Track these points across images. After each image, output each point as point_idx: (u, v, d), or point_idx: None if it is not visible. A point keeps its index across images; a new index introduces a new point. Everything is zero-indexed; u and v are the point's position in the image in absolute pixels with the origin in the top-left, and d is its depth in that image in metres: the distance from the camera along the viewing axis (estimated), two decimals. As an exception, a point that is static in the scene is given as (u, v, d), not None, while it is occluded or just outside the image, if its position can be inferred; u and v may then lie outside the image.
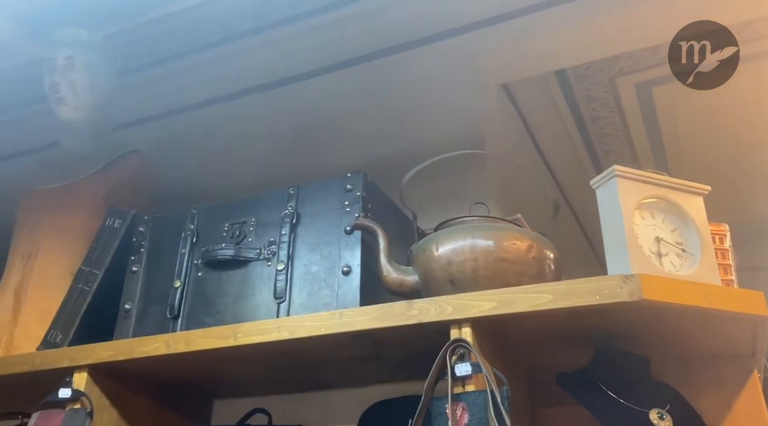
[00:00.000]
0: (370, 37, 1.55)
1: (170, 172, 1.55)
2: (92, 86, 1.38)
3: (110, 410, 1.07)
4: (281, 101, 1.63)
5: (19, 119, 1.82)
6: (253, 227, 1.07)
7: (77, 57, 1.36)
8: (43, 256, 1.29)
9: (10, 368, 1.11)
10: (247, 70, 1.65)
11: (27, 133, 1.80)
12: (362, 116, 1.56)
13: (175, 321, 1.05)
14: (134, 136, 1.63)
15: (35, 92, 1.50)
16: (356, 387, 1.20)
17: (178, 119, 1.77)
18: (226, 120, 1.70)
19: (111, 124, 1.53)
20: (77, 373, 1.05)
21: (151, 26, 1.62)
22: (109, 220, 1.20)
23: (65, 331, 1.12)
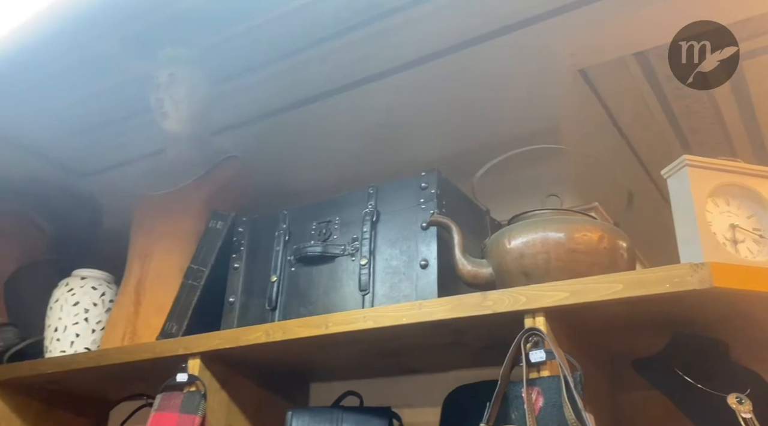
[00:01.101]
0: (441, 35, 1.59)
1: (260, 173, 1.67)
2: (192, 100, 1.51)
3: (221, 392, 1.21)
4: (358, 102, 1.71)
5: (129, 129, 2.01)
6: (337, 225, 1.16)
7: (178, 74, 1.50)
8: (157, 256, 1.45)
9: (135, 355, 1.27)
10: (326, 74, 1.73)
11: (138, 142, 1.99)
12: (436, 112, 1.60)
13: (273, 312, 1.16)
14: (227, 141, 1.76)
15: (143, 104, 1.67)
16: (440, 372, 1.27)
17: (264, 124, 1.89)
18: (307, 123, 1.80)
19: (208, 131, 1.67)
20: (191, 359, 1.19)
21: (239, 38, 1.74)
22: (212, 222, 1.34)
23: (179, 322, 1.26)
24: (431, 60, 1.62)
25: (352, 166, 1.62)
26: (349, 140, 1.69)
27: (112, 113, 1.90)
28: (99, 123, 1.90)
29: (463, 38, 1.57)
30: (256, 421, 1.27)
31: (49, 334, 1.45)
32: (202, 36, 1.68)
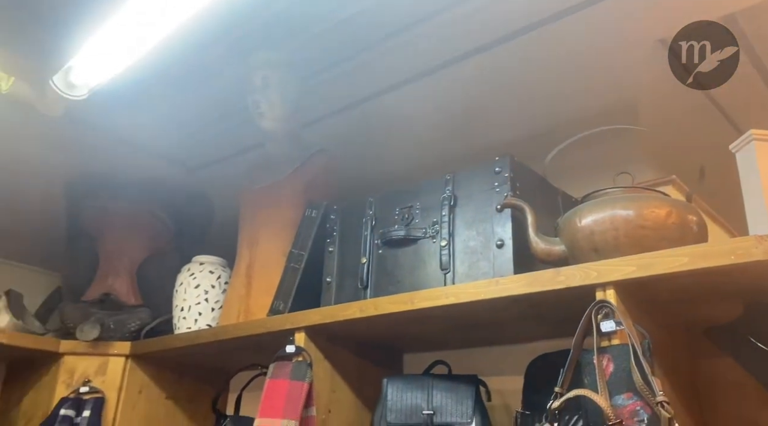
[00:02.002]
0: (517, 14, 1.61)
1: (345, 163, 1.78)
2: (285, 100, 1.65)
3: (324, 362, 1.36)
4: (434, 88, 1.76)
5: (231, 126, 2.19)
6: (418, 210, 1.26)
7: (271, 76, 1.64)
8: (262, 243, 1.62)
9: (249, 330, 1.44)
10: (403, 63, 1.79)
11: (237, 138, 2.17)
12: (511, 95, 1.64)
13: (365, 290, 1.29)
14: (315, 134, 1.89)
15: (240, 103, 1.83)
16: (522, 343, 1.35)
17: (347, 115, 2.00)
18: (386, 113, 1.88)
19: (300, 126, 1.81)
20: (297, 333, 1.34)
21: (324, 34, 1.85)
22: (308, 211, 1.48)
23: (285, 300, 1.42)
24: (505, 42, 1.65)
25: (431, 152, 1.70)
26: (425, 127, 1.76)
27: (214, 112, 2.08)
28: (203, 121, 2.09)
29: (541, 16, 1.58)
30: (355, 388, 1.42)
31: (177, 314, 1.68)
32: (291, 37, 1.80)
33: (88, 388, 1.63)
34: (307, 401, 1.25)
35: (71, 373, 1.66)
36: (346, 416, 1.38)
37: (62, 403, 1.59)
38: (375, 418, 1.25)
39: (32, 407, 1.69)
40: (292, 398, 1.24)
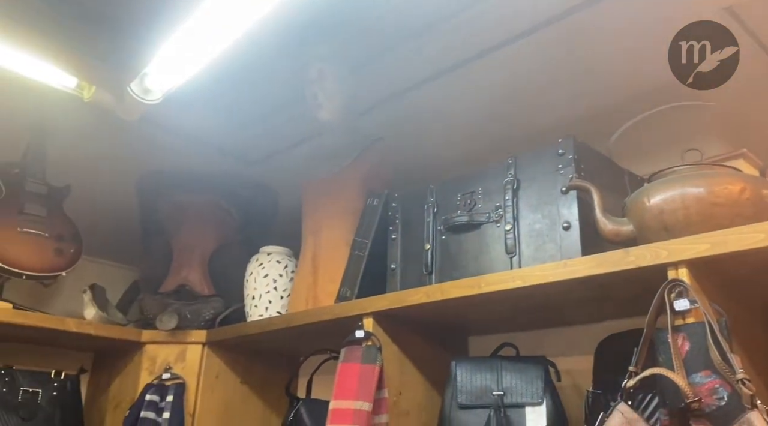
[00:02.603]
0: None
1: (401, 150, 1.80)
2: (341, 91, 1.69)
3: (392, 346, 1.40)
4: (488, 71, 1.74)
5: (288, 118, 2.23)
6: (480, 195, 1.28)
7: (326, 69, 1.67)
8: (325, 232, 1.67)
9: (319, 316, 1.50)
10: (456, 45, 1.77)
11: (294, 129, 2.20)
12: (569, 72, 1.61)
13: (430, 276, 1.32)
14: (370, 122, 1.91)
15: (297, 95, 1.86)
16: (591, 323, 1.35)
17: (398, 103, 2.00)
18: (440, 97, 1.88)
19: (356, 115, 1.83)
20: (365, 318, 1.38)
21: (377, 21, 1.84)
22: (370, 200, 1.52)
23: (351, 287, 1.47)
24: (560, 19, 1.62)
25: (489, 136, 1.70)
26: (476, 112, 1.75)
27: (269, 106, 2.12)
28: (260, 115, 2.14)
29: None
30: (423, 370, 1.45)
31: (248, 302, 1.75)
32: (341, 28, 1.82)
33: (169, 374, 1.73)
34: (379, 383, 1.29)
35: (153, 360, 1.77)
36: (415, 397, 1.42)
37: (147, 389, 1.69)
38: (445, 399, 1.28)
39: (119, 393, 1.81)
40: (365, 381, 1.28)
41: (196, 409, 1.72)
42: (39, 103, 1.60)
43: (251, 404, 1.86)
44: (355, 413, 1.25)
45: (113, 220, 1.97)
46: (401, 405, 1.37)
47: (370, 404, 1.26)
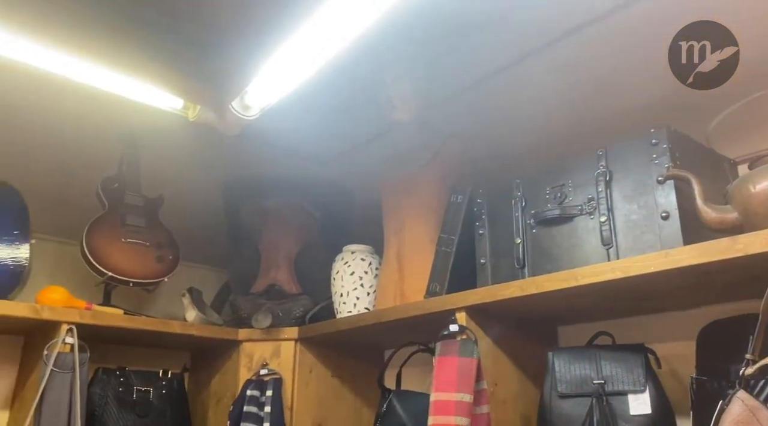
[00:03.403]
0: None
1: (479, 142, 1.81)
2: (415, 92, 1.72)
3: (485, 339, 1.43)
4: (564, 57, 1.71)
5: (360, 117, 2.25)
6: (571, 188, 1.29)
7: (400, 72, 1.71)
8: (408, 230, 1.71)
9: (409, 312, 1.55)
10: (530, 31, 1.74)
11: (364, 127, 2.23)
12: (654, 55, 1.57)
13: (522, 269, 1.35)
14: (444, 117, 1.93)
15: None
16: (689, 309, 1.34)
17: (473, 94, 2.00)
18: (516, 85, 1.86)
19: (430, 112, 1.85)
20: (458, 313, 1.43)
21: (447, 14, 1.84)
22: (453, 197, 1.55)
23: (441, 283, 1.51)
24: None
25: (573, 122, 1.68)
26: (554, 99, 1.74)
27: (340, 106, 2.15)
28: (333, 114, 2.17)
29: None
30: (515, 361, 1.49)
31: (337, 299, 1.82)
32: (417, 25, 1.81)
33: (266, 370, 1.82)
34: (478, 375, 1.33)
35: (250, 357, 1.87)
36: (510, 387, 1.45)
37: (247, 385, 1.79)
38: (545, 389, 1.31)
39: (220, 389, 1.92)
40: (464, 373, 1.33)
41: (294, 402, 1.81)
42: (132, 120, 1.71)
43: (343, 396, 1.94)
44: (457, 405, 1.29)
45: (202, 225, 2.08)
46: (498, 395, 1.41)
47: (471, 396, 1.30)
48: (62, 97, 1.54)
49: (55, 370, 1.50)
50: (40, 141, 1.70)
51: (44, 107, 1.59)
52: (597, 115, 1.65)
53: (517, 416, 1.44)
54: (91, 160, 1.81)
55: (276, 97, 1.29)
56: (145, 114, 1.59)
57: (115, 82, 1.38)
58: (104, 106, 1.58)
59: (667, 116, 1.24)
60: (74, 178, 1.84)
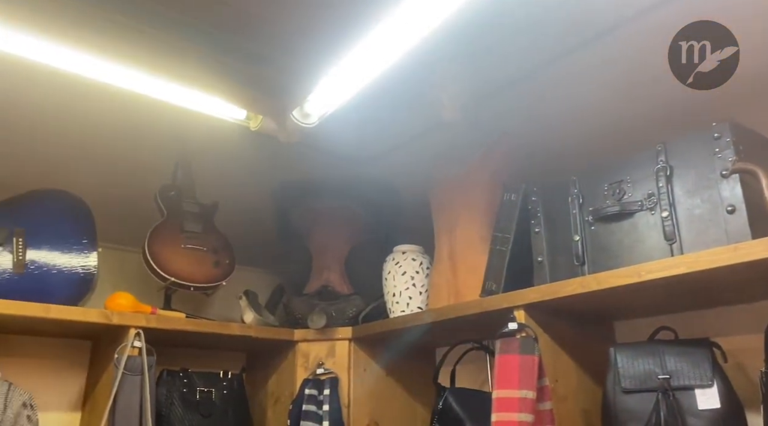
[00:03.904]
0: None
1: (527, 138, 1.80)
2: (464, 91, 1.73)
3: (544, 336, 1.44)
4: (621, 46, 1.67)
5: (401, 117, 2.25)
6: (630, 184, 1.29)
7: (449, 69, 1.72)
8: (460, 229, 1.73)
9: (466, 310, 1.56)
10: (584, 21, 1.71)
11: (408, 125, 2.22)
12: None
13: (582, 266, 1.35)
14: (491, 114, 1.92)
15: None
16: (753, 301, 1.33)
17: (521, 89, 1.97)
18: (567, 79, 1.84)
19: (478, 108, 1.85)
20: (516, 311, 1.44)
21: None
22: (507, 195, 1.56)
23: (497, 281, 1.53)
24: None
25: (612, 117, 1.66)
26: (612, 91, 1.71)
27: (386, 104, 2.15)
28: (377, 113, 2.17)
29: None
30: (574, 357, 1.49)
31: (389, 299, 1.85)
32: (468, 23, 1.80)
33: (323, 369, 1.86)
34: (540, 372, 1.34)
35: (306, 357, 1.91)
36: (571, 383, 1.46)
37: (305, 384, 1.83)
38: (607, 385, 1.31)
39: (278, 388, 1.97)
40: (526, 371, 1.34)
41: (350, 400, 1.85)
42: (187, 129, 1.76)
43: (397, 394, 1.97)
44: (520, 401, 1.31)
45: (253, 229, 2.13)
46: (559, 391, 1.42)
47: (534, 393, 1.31)
48: (125, 108, 1.60)
49: (126, 373, 1.56)
50: (102, 151, 1.77)
51: (107, 119, 1.66)
52: (651, 108, 1.63)
53: (578, 411, 1.45)
54: (150, 169, 1.88)
55: (334, 105, 1.33)
56: (197, 123, 1.64)
57: (176, 94, 1.43)
58: (162, 117, 1.63)
59: (727, 108, 1.23)
60: (133, 187, 1.91)
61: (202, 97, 1.35)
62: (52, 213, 1.63)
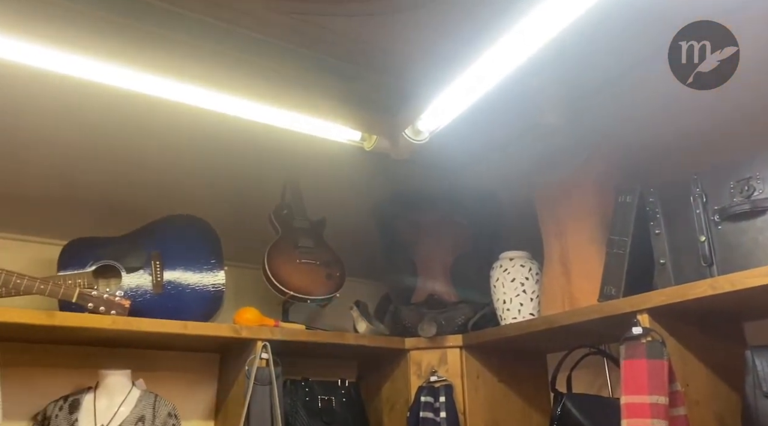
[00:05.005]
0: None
1: (637, 138, 1.76)
2: (565, 95, 1.73)
3: (670, 339, 1.41)
4: None
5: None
6: (759, 180, 1.25)
7: (549, 76, 1.72)
8: (570, 233, 1.72)
9: (584, 316, 1.55)
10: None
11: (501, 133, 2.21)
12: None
13: (710, 267, 1.32)
14: (593, 113, 1.88)
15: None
16: None
17: (620, 88, 1.93)
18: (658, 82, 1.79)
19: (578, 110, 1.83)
20: (639, 315, 1.41)
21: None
22: (621, 197, 1.55)
23: (616, 285, 1.51)
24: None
25: (735, 110, 1.60)
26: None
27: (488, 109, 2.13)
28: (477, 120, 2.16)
29: None
30: (703, 359, 1.45)
31: (500, 306, 1.87)
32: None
33: (436, 377, 1.90)
34: (670, 377, 1.32)
35: (419, 365, 1.95)
36: (701, 387, 1.42)
37: (420, 392, 1.87)
38: (746, 389, 1.27)
39: (393, 395, 2.02)
40: (655, 376, 1.32)
41: (466, 407, 1.87)
42: (295, 151, 1.85)
43: (511, 400, 1.97)
44: (652, 407, 1.29)
45: (358, 242, 2.20)
46: (690, 396, 1.38)
47: (666, 398, 1.29)
48: (243, 137, 1.71)
49: (257, 384, 1.66)
50: (221, 177, 1.90)
51: (226, 146, 1.78)
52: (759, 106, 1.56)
53: (711, 416, 1.41)
54: (264, 190, 1.99)
55: (445, 121, 1.37)
56: (306, 144, 1.72)
57: (291, 120, 1.52)
58: (275, 141, 1.73)
59: None
60: (247, 207, 2.03)
61: (318, 122, 1.43)
62: (184, 236, 1.77)
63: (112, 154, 1.72)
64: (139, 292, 1.65)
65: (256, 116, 1.50)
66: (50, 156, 1.69)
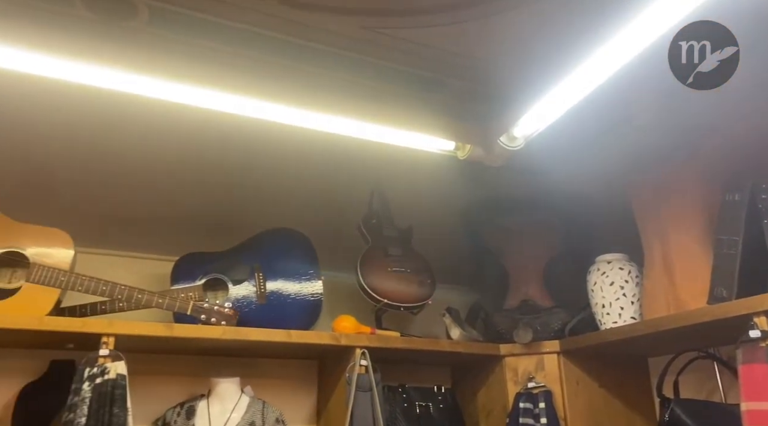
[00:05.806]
0: None
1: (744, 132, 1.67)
2: (655, 90, 1.66)
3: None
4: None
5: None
6: None
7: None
8: (673, 234, 1.66)
9: (692, 319, 1.48)
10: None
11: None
12: None
13: None
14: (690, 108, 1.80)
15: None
16: None
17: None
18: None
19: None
20: (756, 317, 1.34)
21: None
22: (728, 195, 1.48)
23: (728, 287, 1.44)
24: None
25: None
26: None
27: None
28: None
29: None
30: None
31: (599, 311, 1.82)
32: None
33: (534, 383, 1.88)
34: (795, 382, 1.25)
35: (515, 371, 1.94)
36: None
37: (519, 398, 1.86)
38: None
39: (488, 402, 2.02)
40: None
41: (566, 413, 1.84)
42: (383, 161, 1.89)
43: (613, 406, 1.92)
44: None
45: (446, 248, 2.21)
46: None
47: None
48: (331, 150, 1.76)
49: (358, 390, 1.70)
50: (312, 189, 1.96)
51: (316, 160, 1.84)
52: None
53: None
54: (355, 201, 2.04)
55: (541, 127, 1.36)
56: (394, 155, 1.75)
57: (381, 132, 1.55)
58: (362, 153, 1.77)
59: None
60: (337, 218, 2.09)
61: (411, 134, 1.45)
62: (283, 248, 1.84)
63: (214, 177, 1.82)
64: (245, 302, 1.73)
65: (351, 132, 1.55)
66: (155, 181, 1.81)
